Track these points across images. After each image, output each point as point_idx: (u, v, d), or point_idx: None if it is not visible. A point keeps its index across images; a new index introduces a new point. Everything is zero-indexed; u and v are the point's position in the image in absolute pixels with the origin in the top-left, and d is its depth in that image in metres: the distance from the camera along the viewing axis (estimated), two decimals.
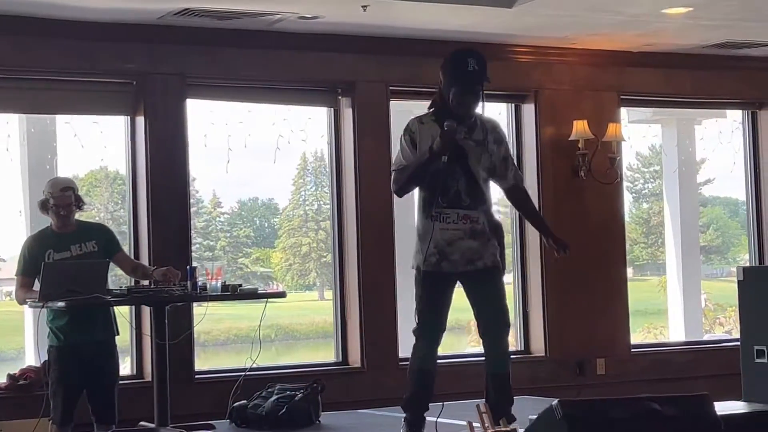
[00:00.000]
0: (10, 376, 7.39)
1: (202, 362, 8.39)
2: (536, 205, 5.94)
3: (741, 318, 6.67)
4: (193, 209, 8.27)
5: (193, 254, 8.22)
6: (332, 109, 8.56)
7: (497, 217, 5.81)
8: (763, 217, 9.98)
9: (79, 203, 6.26)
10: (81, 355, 6.09)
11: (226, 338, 9.16)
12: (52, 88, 7.69)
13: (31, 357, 7.59)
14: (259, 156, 8.51)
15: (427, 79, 8.61)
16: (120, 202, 8.65)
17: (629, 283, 9.56)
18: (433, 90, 8.83)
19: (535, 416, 4.48)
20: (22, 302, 6.31)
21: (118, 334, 6.33)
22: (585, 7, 7.73)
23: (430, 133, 5.53)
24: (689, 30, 8.50)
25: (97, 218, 8.37)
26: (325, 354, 8.73)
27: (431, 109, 5.70)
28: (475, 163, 5.51)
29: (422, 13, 7.69)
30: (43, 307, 5.93)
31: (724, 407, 6.00)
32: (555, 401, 4.12)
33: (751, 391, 6.44)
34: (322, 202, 9.18)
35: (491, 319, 5.62)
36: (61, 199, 6.17)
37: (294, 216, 9.65)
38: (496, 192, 5.82)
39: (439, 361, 8.80)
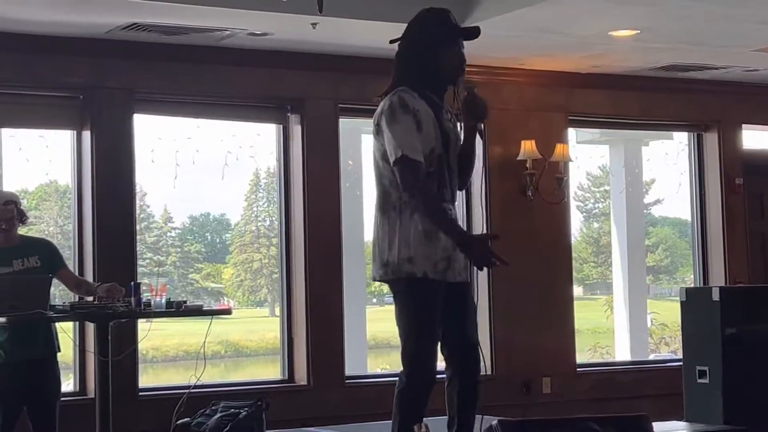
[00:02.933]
0: None
1: (151, 378, 8.33)
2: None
3: (684, 338, 6.75)
4: (143, 224, 8.22)
5: (143, 269, 8.16)
6: (281, 125, 8.55)
7: None
8: (708, 238, 10.08)
9: (21, 217, 6.20)
10: (21, 372, 6.01)
11: (175, 354, 9.11)
12: None
13: None
14: (208, 172, 8.49)
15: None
16: (70, 216, 8.58)
17: (579, 302, 9.63)
18: None
19: None
20: None
21: (59, 350, 6.26)
22: (533, 29, 7.79)
23: (428, 114, 4.55)
24: (636, 52, 8.59)
25: (46, 232, 8.30)
26: (275, 371, 8.69)
27: (401, 86, 4.60)
28: (455, 150, 4.66)
29: (372, 32, 7.71)
30: None
31: (665, 428, 6.08)
32: (495, 421, 4.14)
33: (693, 412, 6.51)
34: (274, 218, 9.16)
35: (468, 345, 4.68)
36: (2, 213, 6.10)
37: (246, 232, 9.63)
38: None
39: (387, 379, 8.76)
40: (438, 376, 4.48)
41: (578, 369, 9.38)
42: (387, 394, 8.39)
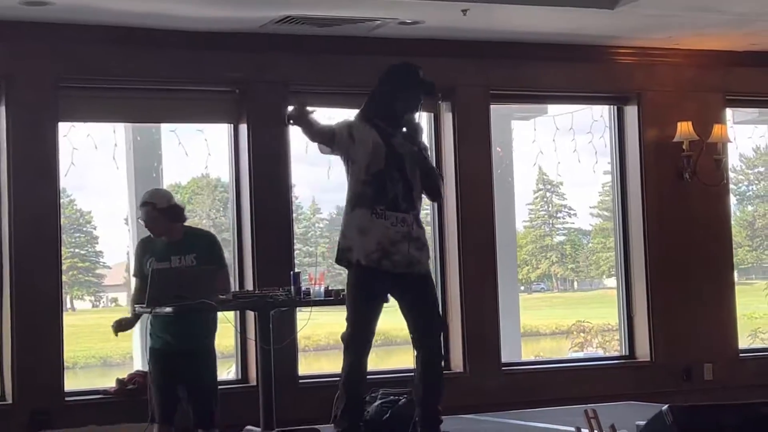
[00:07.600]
0: (119, 381, 7.52)
1: (305, 367, 8.44)
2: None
3: None
4: (293, 215, 8.33)
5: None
6: (431, 114, 8.55)
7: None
8: None
9: (175, 216, 6.23)
10: (178, 357, 6.14)
11: (326, 343, 9.22)
12: (158, 97, 7.82)
13: (139, 362, 7.72)
14: None
15: (527, 81, 8.59)
16: (221, 209, 8.74)
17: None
18: (534, 93, 8.85)
19: (643, 422, 4.42)
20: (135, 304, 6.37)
21: (215, 335, 6.35)
22: (688, 7, 7.61)
23: (370, 137, 5.66)
24: None
25: (199, 225, 8.48)
26: None
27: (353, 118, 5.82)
28: (411, 169, 5.57)
29: (523, 16, 7.65)
30: (151, 312, 6.00)
31: None
32: (665, 407, 4.06)
33: None
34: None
35: (428, 330, 5.48)
36: (142, 215, 6.25)
37: None
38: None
39: (543, 366, 8.73)
40: None
41: (741, 354, 9.16)
42: (544, 381, 8.34)
